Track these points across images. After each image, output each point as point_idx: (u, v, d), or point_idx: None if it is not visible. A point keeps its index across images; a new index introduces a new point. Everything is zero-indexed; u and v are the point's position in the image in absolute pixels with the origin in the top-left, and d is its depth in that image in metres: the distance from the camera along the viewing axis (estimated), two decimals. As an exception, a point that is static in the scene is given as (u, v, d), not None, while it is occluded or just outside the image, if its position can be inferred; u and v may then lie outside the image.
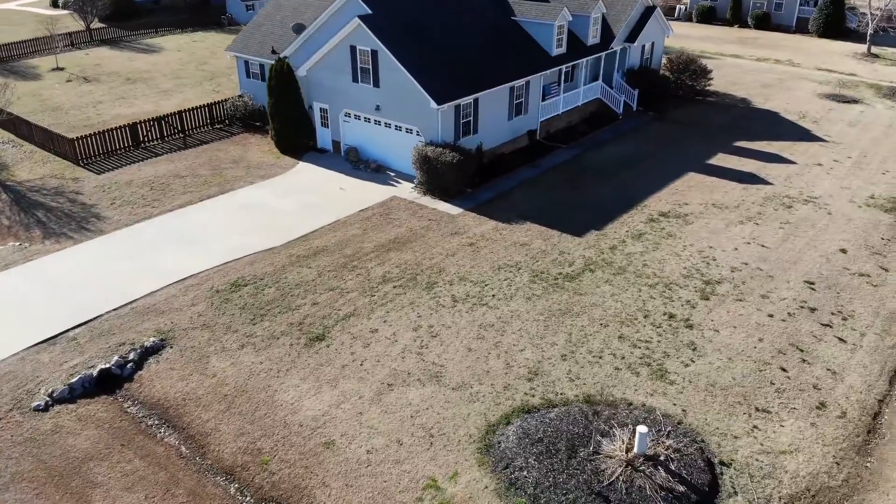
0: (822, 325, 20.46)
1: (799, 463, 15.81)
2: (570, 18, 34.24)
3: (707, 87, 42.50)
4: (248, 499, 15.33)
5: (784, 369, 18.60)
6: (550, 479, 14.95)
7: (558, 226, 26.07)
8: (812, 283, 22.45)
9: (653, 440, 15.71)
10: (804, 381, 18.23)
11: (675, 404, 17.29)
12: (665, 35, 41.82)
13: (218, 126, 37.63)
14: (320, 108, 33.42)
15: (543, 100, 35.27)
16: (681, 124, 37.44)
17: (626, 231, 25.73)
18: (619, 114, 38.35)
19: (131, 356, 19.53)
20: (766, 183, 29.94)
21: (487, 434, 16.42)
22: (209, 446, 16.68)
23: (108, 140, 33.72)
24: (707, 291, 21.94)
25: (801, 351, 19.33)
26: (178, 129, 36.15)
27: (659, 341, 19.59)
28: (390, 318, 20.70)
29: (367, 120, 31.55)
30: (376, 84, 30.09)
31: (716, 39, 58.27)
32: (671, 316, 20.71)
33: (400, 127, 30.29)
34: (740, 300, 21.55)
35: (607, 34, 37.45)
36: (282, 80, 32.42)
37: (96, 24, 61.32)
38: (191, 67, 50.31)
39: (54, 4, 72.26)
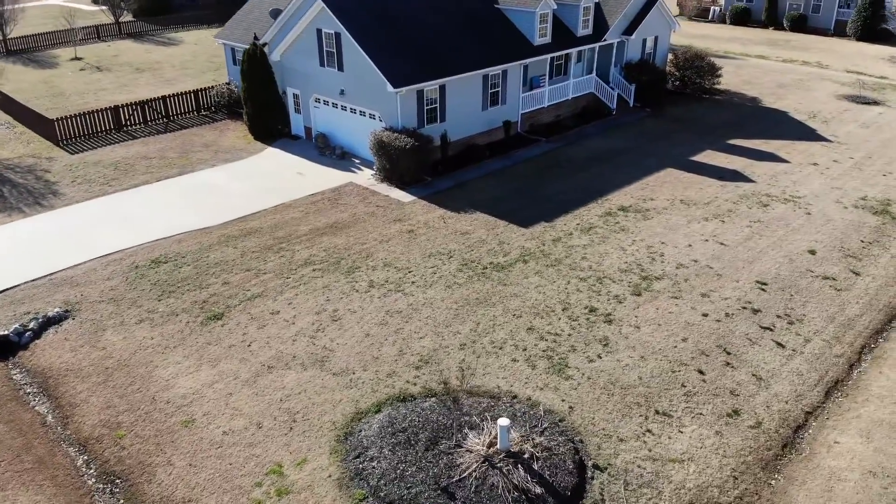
0: (762, 327, 18.52)
1: (688, 473, 14.11)
2: (555, 6, 32.82)
3: (716, 86, 40.27)
4: (92, 471, 14.65)
5: (701, 372, 16.82)
6: (398, 471, 13.71)
7: (507, 216, 24.71)
8: (764, 284, 20.46)
9: (522, 436, 14.28)
10: (721, 385, 16.42)
11: (563, 400, 15.77)
12: (671, 29, 39.79)
13: (204, 113, 37.66)
14: (293, 94, 32.97)
15: (531, 90, 33.97)
16: (677, 121, 35.42)
17: (577, 224, 24.16)
18: (611, 109, 36.61)
19: (32, 325, 19.23)
20: (748, 181, 27.80)
21: (352, 422, 15.30)
22: (73, 417, 16.11)
23: (89, 122, 34.06)
24: (641, 287, 20.23)
25: (728, 353, 17.48)
26: (161, 113, 36.32)
27: (570, 335, 18.06)
28: (297, 301, 19.80)
29: (335, 105, 30.89)
30: (340, 68, 29.41)
31: (745, 40, 55.51)
32: (592, 310, 19.12)
33: (364, 112, 29.50)
34: (676, 297, 19.76)
35: (601, 25, 35.80)
36: (254, 64, 32.09)
37: (128, 18, 63.03)
38: (201, 59, 50.86)
39: (94, 1, 74.65)
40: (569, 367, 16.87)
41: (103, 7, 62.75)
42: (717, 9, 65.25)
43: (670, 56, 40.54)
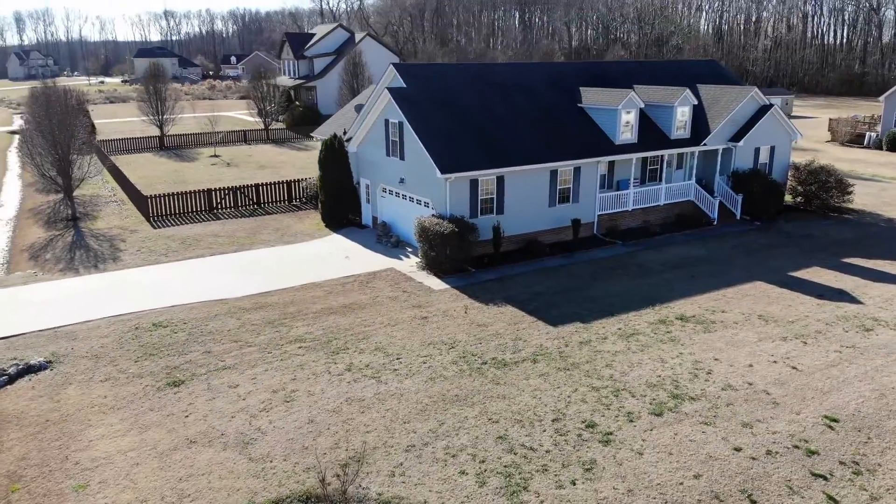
0: (814, 474, 13.71)
1: None
2: (642, 105, 30.43)
3: (846, 204, 34.98)
4: (-36, 526, 13.19)
5: (705, 521, 12.44)
6: (248, 585, 10.82)
7: (538, 312, 21.64)
8: (835, 421, 15.54)
9: (417, 566, 10.89)
10: (728, 543, 11.95)
11: (498, 530, 12.14)
12: (792, 140, 35.58)
13: (294, 202, 38.56)
14: (365, 184, 32.72)
15: (617, 190, 31.31)
16: (787, 235, 30.66)
17: (618, 328, 20.49)
18: (712, 219, 32.63)
19: (10, 370, 18.91)
20: (855, 301, 22.62)
21: (238, 514, 12.71)
22: (-12, 466, 14.97)
23: (180, 202, 35.89)
24: (666, 406, 16.10)
25: (753, 502, 12.92)
26: (252, 200, 37.61)
27: (548, 451, 14.39)
28: (262, 377, 17.90)
29: (396, 194, 30.07)
30: (402, 157, 28.74)
31: (901, 165, 48.98)
32: (590, 425, 15.32)
33: (420, 201, 28.28)
34: (707, 423, 15.43)
35: (702, 129, 32.70)
36: (331, 154, 32.47)
37: (279, 126, 69.09)
38: (320, 160, 53.26)
39: (259, 114, 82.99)
40: (527, 490, 13.21)
41: (258, 119, 69.24)
42: (874, 134, 58.90)
43: (791, 170, 36.08)
